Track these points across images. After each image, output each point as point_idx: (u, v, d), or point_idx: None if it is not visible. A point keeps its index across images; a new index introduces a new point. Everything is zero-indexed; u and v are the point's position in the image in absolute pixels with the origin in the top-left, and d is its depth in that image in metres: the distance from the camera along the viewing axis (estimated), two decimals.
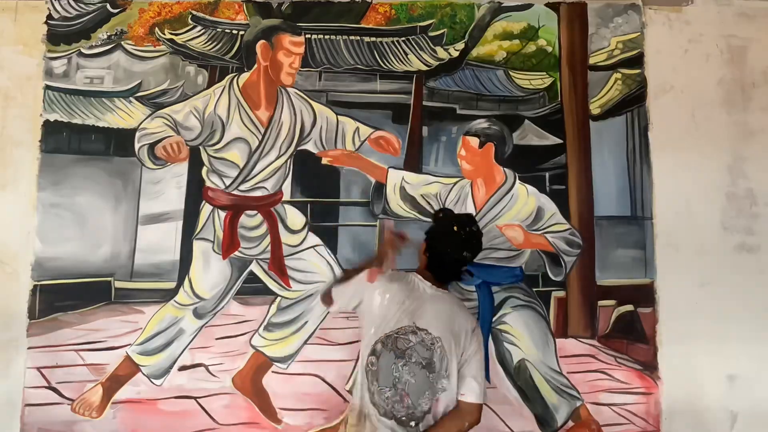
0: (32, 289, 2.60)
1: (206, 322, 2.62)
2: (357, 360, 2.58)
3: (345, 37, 2.83)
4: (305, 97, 2.78)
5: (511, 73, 2.84)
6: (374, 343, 2.08)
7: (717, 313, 2.66)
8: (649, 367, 2.65)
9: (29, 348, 2.57)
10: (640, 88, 2.82)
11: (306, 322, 2.63)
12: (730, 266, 2.71)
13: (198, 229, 2.67)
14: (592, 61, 2.85)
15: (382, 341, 2.07)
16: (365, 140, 2.76)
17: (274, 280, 2.67)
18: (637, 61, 2.85)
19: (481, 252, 2.64)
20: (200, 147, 2.71)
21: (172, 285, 2.64)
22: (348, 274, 2.31)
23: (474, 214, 2.68)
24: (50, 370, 2.56)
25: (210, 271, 2.65)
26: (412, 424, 2.02)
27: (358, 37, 2.83)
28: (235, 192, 2.69)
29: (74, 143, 2.71)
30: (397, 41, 2.84)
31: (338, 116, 2.77)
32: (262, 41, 2.75)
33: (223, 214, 2.67)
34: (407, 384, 2.03)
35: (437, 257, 2.16)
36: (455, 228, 2.16)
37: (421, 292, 2.12)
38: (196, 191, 2.70)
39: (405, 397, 2.03)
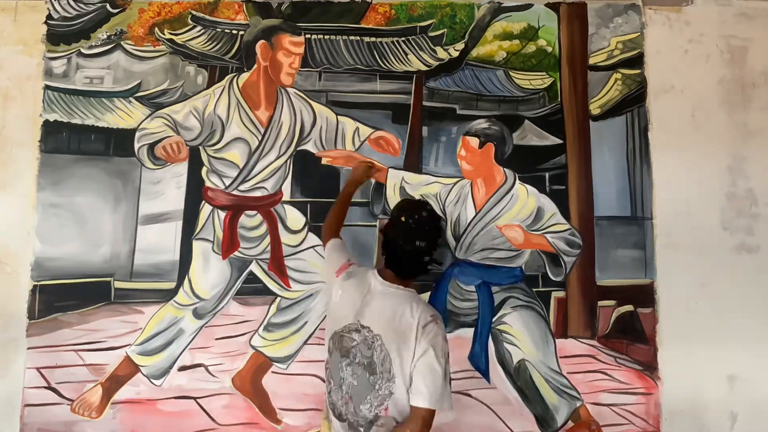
0: (32, 289, 2.60)
1: (206, 323, 2.62)
2: None
3: (345, 37, 2.83)
4: (305, 97, 2.78)
5: (511, 73, 2.84)
6: (328, 340, 2.05)
7: (717, 313, 2.66)
8: (649, 367, 2.65)
9: (29, 348, 2.56)
10: (640, 88, 2.82)
11: (306, 323, 2.63)
12: (730, 266, 2.71)
13: (198, 229, 2.67)
14: (592, 61, 2.85)
15: (332, 339, 2.03)
16: (365, 140, 2.76)
17: (274, 281, 2.66)
18: (637, 61, 2.84)
19: (481, 253, 2.67)
20: (200, 147, 2.71)
21: (171, 285, 2.64)
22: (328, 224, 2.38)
23: (474, 214, 2.68)
24: (50, 371, 2.56)
25: (210, 272, 2.65)
26: (361, 430, 1.92)
27: (358, 37, 2.83)
28: (235, 192, 2.69)
29: (74, 143, 2.71)
30: (397, 41, 2.84)
31: (338, 116, 2.77)
32: (261, 41, 2.75)
33: (222, 214, 2.67)
34: (351, 386, 1.95)
35: (391, 252, 2.05)
36: (402, 218, 2.03)
37: (371, 288, 2.02)
38: (195, 191, 2.70)
39: (349, 401, 1.95)
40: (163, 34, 2.80)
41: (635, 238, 2.72)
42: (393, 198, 2.70)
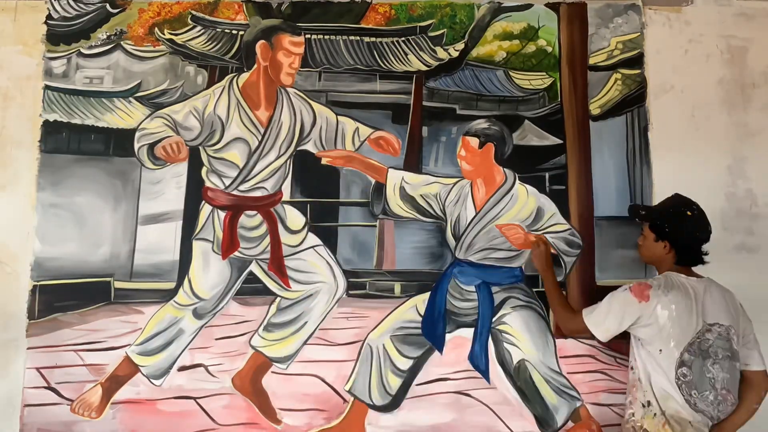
0: (32, 290, 2.60)
1: (206, 323, 2.62)
2: (357, 360, 2.61)
3: (345, 37, 2.83)
4: (305, 97, 2.78)
5: (511, 73, 2.84)
6: (679, 354, 2.13)
7: None
8: None
9: (29, 348, 2.56)
10: (640, 88, 2.82)
11: (306, 323, 2.63)
12: (730, 266, 2.70)
13: (197, 230, 2.67)
14: (592, 61, 2.85)
15: (687, 350, 2.13)
16: (365, 140, 2.76)
17: (274, 281, 2.66)
18: (637, 61, 2.85)
19: (480, 253, 2.68)
20: (200, 147, 2.71)
21: (171, 285, 2.64)
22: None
23: (474, 214, 2.68)
24: (50, 371, 2.56)
25: (209, 272, 2.64)
26: None
27: (358, 37, 2.83)
28: (235, 192, 2.69)
29: (74, 143, 2.71)
30: (397, 41, 2.84)
31: (338, 116, 2.77)
32: (261, 41, 2.74)
33: (222, 214, 2.67)
34: (725, 381, 2.12)
35: (685, 247, 2.27)
36: (688, 212, 2.27)
37: (692, 289, 2.20)
38: (195, 191, 2.70)
39: (728, 395, 2.12)
40: (163, 34, 2.80)
41: (635, 238, 2.71)
42: (393, 198, 2.69)
